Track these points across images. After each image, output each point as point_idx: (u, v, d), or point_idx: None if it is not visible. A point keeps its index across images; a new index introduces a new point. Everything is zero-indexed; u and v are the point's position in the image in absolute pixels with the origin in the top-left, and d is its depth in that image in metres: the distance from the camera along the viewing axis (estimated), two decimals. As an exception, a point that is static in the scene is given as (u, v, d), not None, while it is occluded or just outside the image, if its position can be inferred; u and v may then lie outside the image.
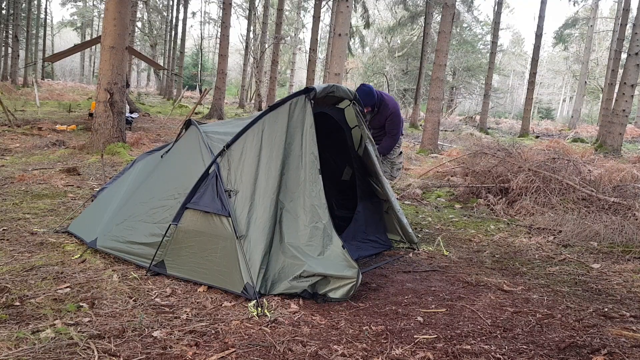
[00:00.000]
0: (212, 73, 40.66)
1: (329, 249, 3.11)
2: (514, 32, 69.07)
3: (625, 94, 12.49)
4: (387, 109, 4.75)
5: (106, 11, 8.07)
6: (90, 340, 2.29)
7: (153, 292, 2.94)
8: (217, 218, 3.02)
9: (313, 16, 20.04)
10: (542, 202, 5.83)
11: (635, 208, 5.18)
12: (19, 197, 5.01)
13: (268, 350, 2.32)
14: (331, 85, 3.63)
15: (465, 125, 23.55)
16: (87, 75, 49.19)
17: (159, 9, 34.78)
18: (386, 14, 35.18)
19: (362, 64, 39.41)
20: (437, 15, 22.51)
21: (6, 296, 2.70)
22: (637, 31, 12.53)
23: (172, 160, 3.80)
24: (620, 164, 7.52)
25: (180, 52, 29.21)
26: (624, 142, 14.41)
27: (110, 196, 4.04)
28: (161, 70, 29.97)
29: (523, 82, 50.16)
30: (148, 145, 9.27)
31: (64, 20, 50.88)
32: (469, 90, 33.10)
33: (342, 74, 9.31)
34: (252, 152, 3.24)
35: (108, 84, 7.98)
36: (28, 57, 30.19)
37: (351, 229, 4.23)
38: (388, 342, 2.46)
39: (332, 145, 4.43)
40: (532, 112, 32.97)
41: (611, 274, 3.78)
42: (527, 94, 21.28)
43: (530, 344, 2.47)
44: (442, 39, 12.12)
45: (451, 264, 3.94)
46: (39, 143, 8.85)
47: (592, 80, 34.86)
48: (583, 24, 32.16)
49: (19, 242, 3.65)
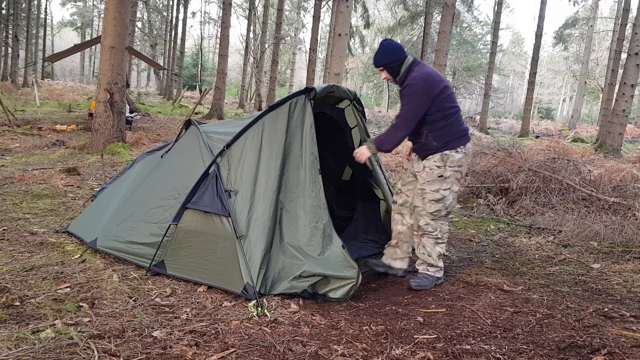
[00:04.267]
0: (212, 73, 40.64)
1: (329, 249, 3.11)
2: (514, 32, 69.14)
3: (625, 94, 12.49)
4: (408, 80, 3.11)
5: (106, 11, 8.07)
6: (90, 340, 2.29)
7: (153, 292, 2.94)
8: (217, 218, 3.02)
9: (313, 16, 20.04)
10: (542, 202, 5.83)
11: (635, 208, 5.18)
12: (19, 197, 5.01)
13: (268, 350, 2.32)
14: (331, 85, 3.63)
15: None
16: (87, 75, 49.18)
17: (159, 9, 34.78)
18: (386, 14, 35.16)
19: (362, 64, 39.42)
20: (437, 15, 22.50)
21: (6, 296, 2.70)
22: (637, 31, 12.52)
23: (172, 160, 3.80)
24: (620, 164, 7.53)
25: (180, 52, 29.21)
26: (624, 142, 14.41)
27: (110, 196, 4.05)
28: (161, 70, 29.96)
29: (523, 82, 50.14)
30: (148, 145, 9.27)
31: (64, 20, 50.89)
32: (469, 90, 33.07)
33: (342, 74, 9.31)
34: (252, 152, 3.24)
35: (108, 84, 7.98)
36: (28, 57, 30.17)
37: (351, 229, 4.23)
38: (388, 342, 2.46)
39: (332, 145, 4.43)
40: (532, 112, 32.96)
41: (611, 274, 3.78)
42: (527, 94, 21.28)
43: (530, 344, 2.47)
44: (442, 39, 12.12)
45: (451, 264, 3.94)
46: (39, 143, 8.85)
47: (592, 80, 34.85)
48: (583, 24, 32.14)
49: (19, 242, 3.65)
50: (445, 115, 3.13)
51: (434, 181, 3.17)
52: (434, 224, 3.23)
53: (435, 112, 3.11)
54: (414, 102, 3.06)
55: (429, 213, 3.21)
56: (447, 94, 3.15)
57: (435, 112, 3.11)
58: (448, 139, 3.12)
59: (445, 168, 3.14)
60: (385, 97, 38.92)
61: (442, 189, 3.16)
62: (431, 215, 3.21)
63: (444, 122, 3.12)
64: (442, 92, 3.12)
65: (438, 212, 3.20)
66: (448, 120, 3.13)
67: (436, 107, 3.10)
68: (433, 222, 3.23)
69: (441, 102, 3.11)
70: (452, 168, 3.15)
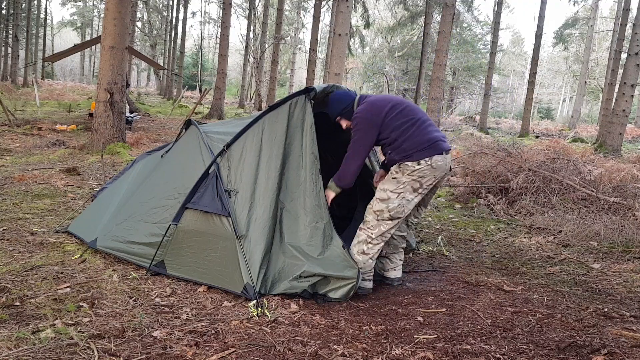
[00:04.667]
0: (212, 73, 40.66)
1: (329, 249, 3.11)
2: (514, 32, 69.14)
3: (625, 94, 12.49)
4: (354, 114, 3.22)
5: (106, 11, 8.07)
6: (90, 340, 2.29)
7: (153, 292, 2.94)
8: (217, 218, 3.02)
9: (313, 16, 20.04)
10: (542, 202, 5.83)
11: (635, 208, 5.18)
12: (19, 197, 5.01)
13: (268, 350, 2.32)
14: (331, 85, 3.63)
15: (465, 125, 23.55)
16: (87, 75, 49.19)
17: (159, 9, 34.79)
18: (386, 14, 35.19)
19: (362, 64, 39.42)
20: (437, 15, 22.50)
21: (6, 296, 2.70)
22: (637, 31, 12.53)
23: (172, 160, 3.80)
24: (620, 164, 7.53)
25: (180, 52, 29.22)
26: (624, 142, 14.41)
27: (110, 196, 4.05)
28: (161, 70, 29.97)
29: (523, 82, 50.17)
30: (148, 145, 9.27)
31: (64, 20, 50.89)
32: (469, 90, 33.09)
33: (342, 74, 9.31)
34: (252, 152, 3.24)
35: (108, 84, 7.98)
36: (28, 57, 30.18)
37: (351, 228, 4.22)
38: (388, 342, 2.46)
39: (332, 145, 4.43)
40: (532, 112, 32.99)
41: (611, 274, 3.78)
42: (527, 94, 21.29)
43: (530, 344, 2.47)
44: (442, 39, 12.11)
45: (451, 264, 3.94)
46: (39, 143, 8.85)
47: (592, 80, 34.86)
48: (583, 24, 32.15)
49: (19, 242, 3.65)
50: (402, 131, 3.09)
51: (386, 181, 3.15)
52: (375, 222, 3.13)
53: (390, 134, 3.10)
54: (360, 132, 3.13)
55: (373, 210, 3.14)
56: (397, 112, 3.13)
57: (390, 134, 3.10)
58: (408, 152, 3.06)
59: (402, 174, 3.08)
60: (385, 97, 38.77)
61: (390, 190, 3.09)
62: (374, 213, 3.14)
63: (403, 137, 3.08)
64: (389, 113, 3.11)
65: (381, 212, 3.10)
66: (406, 134, 3.08)
67: (389, 129, 3.10)
68: (376, 221, 3.12)
69: (392, 123, 3.10)
70: (410, 176, 3.06)
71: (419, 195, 3.11)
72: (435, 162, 3.04)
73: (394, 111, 3.13)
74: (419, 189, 3.09)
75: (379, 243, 3.15)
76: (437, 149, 3.06)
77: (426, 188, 3.11)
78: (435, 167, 3.05)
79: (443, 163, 3.08)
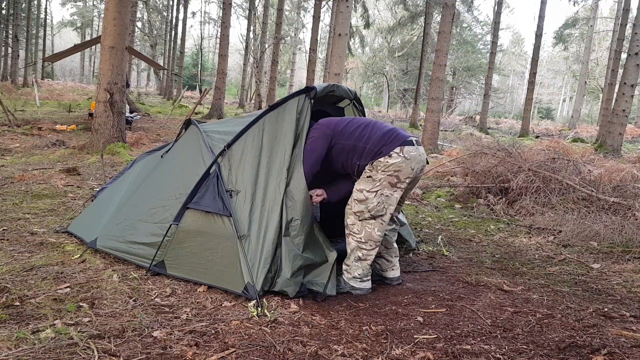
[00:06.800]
0: (212, 73, 40.66)
1: (319, 242, 3.18)
2: (514, 32, 69.18)
3: (625, 94, 12.49)
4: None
5: (106, 11, 8.07)
6: (90, 340, 2.29)
7: (153, 292, 2.94)
8: (219, 218, 3.02)
9: (313, 16, 20.06)
10: (542, 202, 5.83)
11: (635, 208, 5.18)
12: (19, 197, 5.01)
13: (268, 350, 2.32)
14: (332, 84, 3.63)
15: (465, 125, 23.56)
16: (87, 75, 49.21)
17: (159, 9, 34.79)
18: (386, 14, 35.19)
19: (362, 64, 39.44)
20: (437, 15, 22.52)
21: (6, 296, 2.70)
22: (637, 31, 12.53)
23: (172, 160, 3.80)
24: (620, 164, 7.52)
25: (180, 52, 29.23)
26: (624, 142, 14.42)
27: (110, 196, 4.04)
28: (161, 70, 29.97)
29: (523, 82, 50.15)
30: (148, 145, 9.27)
31: (64, 20, 50.92)
32: (469, 90, 33.11)
33: (342, 74, 9.31)
34: (252, 151, 3.24)
35: (108, 84, 7.98)
36: (28, 57, 30.19)
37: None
38: (388, 342, 2.46)
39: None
40: (532, 112, 32.99)
41: (611, 274, 3.78)
42: (527, 94, 21.30)
43: (530, 344, 2.47)
44: (442, 39, 12.12)
45: (451, 264, 3.94)
46: (39, 143, 8.85)
47: (592, 80, 34.87)
48: (583, 24, 32.16)
49: (19, 242, 3.65)
50: (358, 136, 3.10)
51: (361, 181, 3.11)
52: (359, 224, 3.10)
53: (348, 140, 3.12)
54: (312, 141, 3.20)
55: (353, 212, 3.11)
56: (348, 121, 3.20)
57: (348, 140, 3.12)
58: (374, 150, 3.04)
59: (376, 171, 3.04)
60: (385, 97, 38.91)
61: (367, 190, 3.05)
62: (354, 215, 3.11)
63: (362, 141, 3.08)
64: (339, 123, 3.19)
65: (361, 213, 3.06)
66: (364, 137, 3.09)
67: (344, 137, 3.13)
68: (359, 223, 3.09)
69: (346, 130, 3.14)
70: (385, 172, 3.02)
71: (398, 189, 3.06)
72: (407, 153, 3.00)
73: (344, 122, 3.22)
74: (398, 183, 3.04)
75: (372, 248, 3.13)
76: (400, 139, 3.04)
77: (404, 181, 3.05)
78: (409, 158, 3.00)
79: (416, 154, 3.03)
